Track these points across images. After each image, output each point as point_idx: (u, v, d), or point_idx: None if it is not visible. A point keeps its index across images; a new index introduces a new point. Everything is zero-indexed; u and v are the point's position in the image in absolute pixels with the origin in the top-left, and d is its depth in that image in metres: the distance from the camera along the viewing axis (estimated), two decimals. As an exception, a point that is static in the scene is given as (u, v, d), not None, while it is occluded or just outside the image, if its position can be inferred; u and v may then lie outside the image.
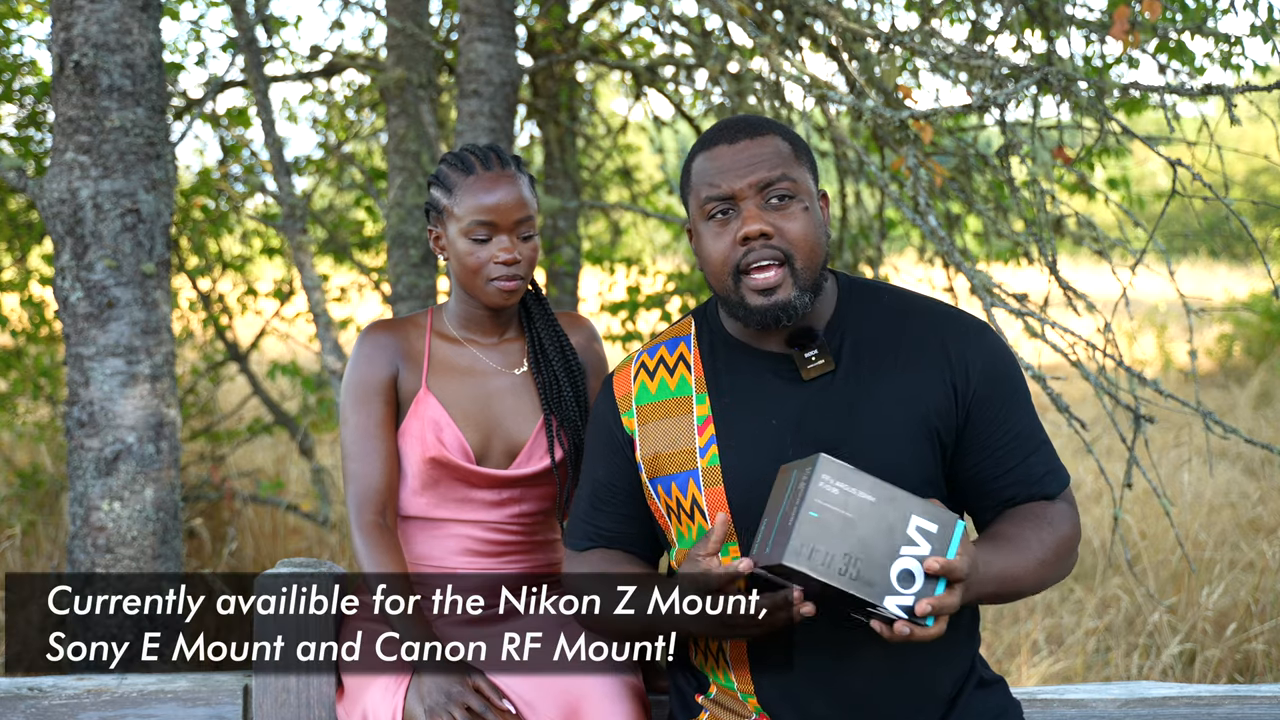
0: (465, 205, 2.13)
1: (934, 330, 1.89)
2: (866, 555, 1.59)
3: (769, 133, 1.88)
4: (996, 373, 1.89)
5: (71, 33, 3.53)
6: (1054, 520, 1.86)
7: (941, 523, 1.62)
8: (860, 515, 1.60)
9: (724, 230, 1.85)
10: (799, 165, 1.87)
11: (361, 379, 2.17)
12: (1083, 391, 9.44)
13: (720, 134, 1.90)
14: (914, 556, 1.60)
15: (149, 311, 3.63)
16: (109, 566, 3.60)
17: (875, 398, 1.84)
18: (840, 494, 1.61)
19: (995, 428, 1.87)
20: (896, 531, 1.61)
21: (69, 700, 2.18)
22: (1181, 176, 3.31)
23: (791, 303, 1.82)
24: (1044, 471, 1.89)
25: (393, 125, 5.17)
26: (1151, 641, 4.65)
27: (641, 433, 1.94)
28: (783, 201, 1.84)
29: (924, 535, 1.61)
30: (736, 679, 1.86)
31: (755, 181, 1.83)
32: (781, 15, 4.36)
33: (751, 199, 1.83)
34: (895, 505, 1.62)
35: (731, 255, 1.84)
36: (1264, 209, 13.74)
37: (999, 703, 1.94)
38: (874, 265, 5.59)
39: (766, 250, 1.82)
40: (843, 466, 1.62)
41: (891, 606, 1.59)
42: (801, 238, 1.83)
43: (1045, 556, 1.82)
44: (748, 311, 1.84)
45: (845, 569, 1.59)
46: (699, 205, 1.88)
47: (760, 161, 1.84)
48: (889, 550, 1.60)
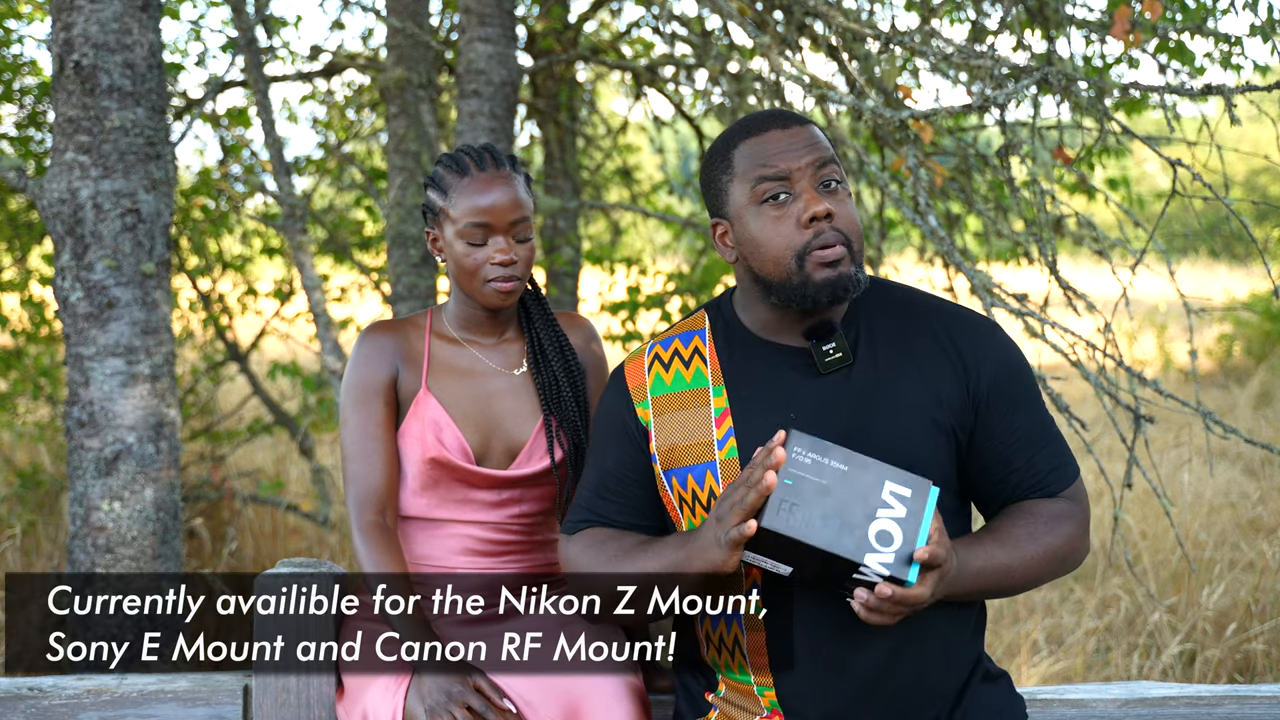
0: (461, 207, 2.13)
1: (946, 329, 1.91)
2: (843, 518, 1.63)
3: (811, 122, 1.91)
4: (1007, 372, 1.90)
5: (71, 33, 3.53)
6: (1049, 518, 1.86)
7: (915, 487, 1.66)
8: (835, 482, 1.65)
9: (783, 214, 1.84)
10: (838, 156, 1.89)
11: (361, 380, 2.17)
12: (1083, 391, 9.44)
13: (770, 120, 1.90)
14: (891, 519, 1.64)
15: (149, 311, 3.64)
16: (109, 566, 3.60)
17: (892, 392, 1.85)
18: (813, 463, 1.65)
19: (1004, 426, 1.88)
20: (871, 496, 1.65)
21: (69, 700, 2.18)
22: (1181, 176, 3.31)
23: (854, 275, 1.83)
24: (1049, 468, 1.90)
25: (393, 125, 5.17)
26: (1151, 641, 4.65)
27: (657, 424, 1.93)
28: (832, 187, 1.86)
29: (898, 499, 1.65)
30: (754, 673, 1.86)
31: (814, 160, 1.84)
32: (781, 15, 4.36)
33: (808, 180, 1.84)
34: (868, 471, 1.66)
35: (796, 238, 1.83)
36: (1264, 209, 13.73)
37: (1004, 697, 1.95)
38: (874, 265, 5.59)
39: (832, 233, 1.83)
40: (814, 439, 1.67)
41: (873, 564, 1.62)
42: (853, 223, 1.85)
43: (1034, 553, 1.83)
44: (816, 287, 1.82)
45: (824, 528, 1.63)
46: (749, 189, 1.86)
47: (815, 143, 1.86)
48: (865, 513, 1.64)
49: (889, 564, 1.62)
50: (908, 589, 1.63)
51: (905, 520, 1.64)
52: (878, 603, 1.64)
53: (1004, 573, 1.80)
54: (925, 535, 1.64)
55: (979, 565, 1.78)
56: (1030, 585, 1.86)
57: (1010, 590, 1.84)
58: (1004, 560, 1.80)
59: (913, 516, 1.64)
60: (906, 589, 1.63)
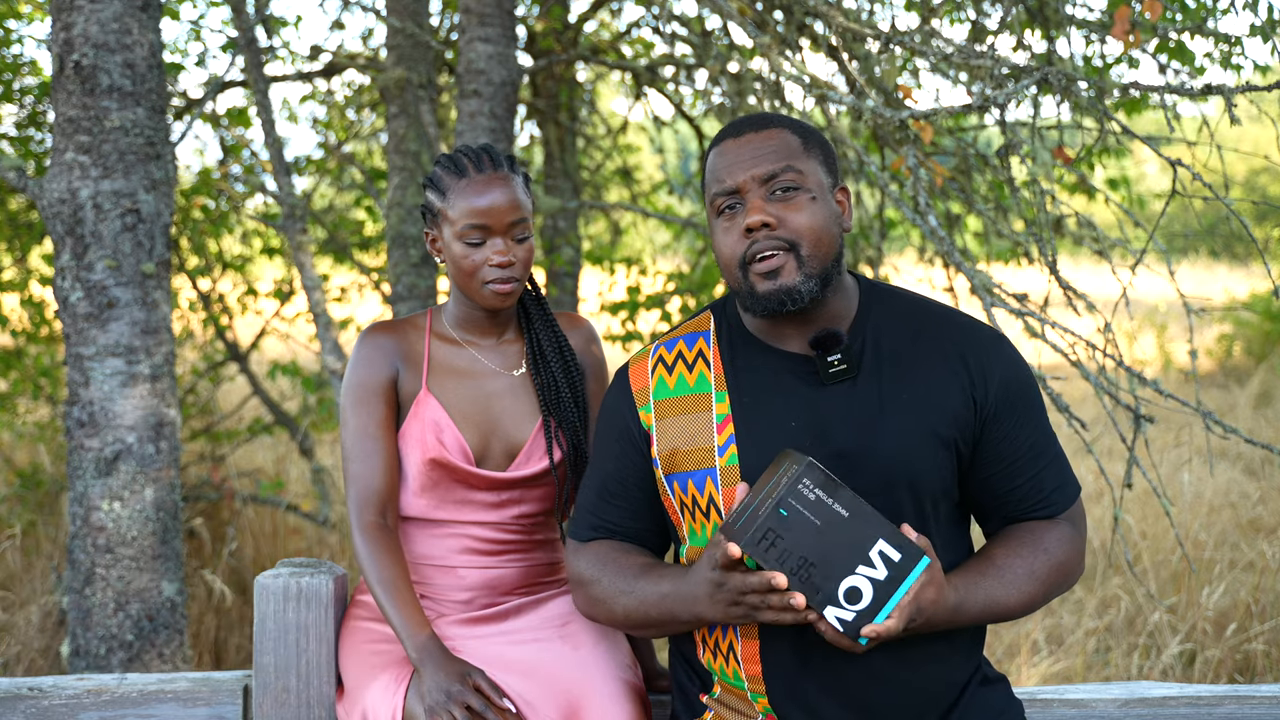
0: (459, 208, 2.12)
1: (953, 340, 1.90)
2: (822, 563, 1.63)
3: (776, 127, 1.89)
4: (1014, 386, 1.90)
5: (71, 33, 3.53)
6: (1050, 545, 1.87)
7: (906, 554, 1.65)
8: (829, 525, 1.63)
9: (731, 224, 1.86)
10: (808, 158, 1.87)
11: (361, 380, 2.17)
12: (1083, 391, 9.44)
13: (728, 131, 1.91)
14: (867, 578, 1.63)
15: (149, 311, 3.63)
16: (109, 566, 3.60)
17: (895, 404, 1.84)
18: (816, 500, 1.63)
19: (1010, 441, 1.88)
20: (858, 550, 1.63)
21: (69, 700, 2.18)
22: (1181, 176, 3.31)
23: (796, 288, 1.82)
24: (1053, 487, 1.90)
25: (393, 125, 5.17)
26: (1151, 641, 4.65)
27: (659, 428, 1.93)
28: (787, 193, 1.84)
29: (884, 560, 1.64)
30: (747, 678, 1.86)
31: (758, 175, 1.84)
32: (781, 15, 4.36)
33: (755, 191, 1.84)
34: (867, 525, 1.64)
35: (738, 248, 1.85)
36: (1264, 209, 13.73)
37: (1001, 701, 1.94)
38: (874, 265, 5.59)
39: (770, 241, 1.82)
40: (828, 476, 1.64)
41: (830, 618, 1.64)
42: (807, 227, 1.83)
43: (1033, 589, 1.85)
44: (755, 299, 1.84)
45: (797, 569, 1.63)
46: (710, 201, 1.90)
47: (763, 155, 1.85)
48: (845, 565, 1.63)
49: (846, 622, 1.63)
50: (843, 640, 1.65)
51: (881, 583, 1.64)
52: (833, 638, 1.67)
53: (1004, 611, 1.83)
54: (891, 606, 1.64)
55: (980, 605, 1.80)
56: (1028, 613, 1.88)
57: (1009, 619, 1.87)
58: (1003, 600, 1.83)
59: (890, 582, 1.64)
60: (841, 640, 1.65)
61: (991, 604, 1.81)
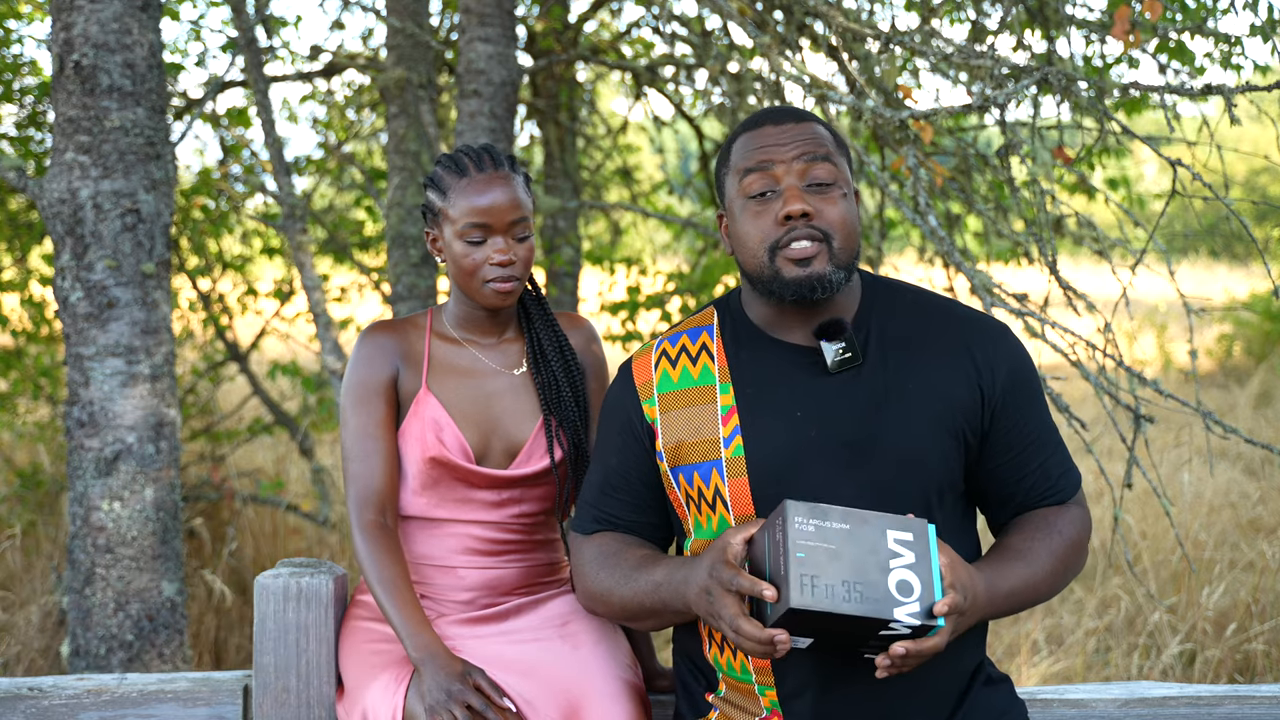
0: (459, 207, 2.13)
1: (958, 332, 1.91)
2: (862, 577, 1.62)
3: (813, 122, 1.91)
4: (1020, 375, 1.91)
5: (71, 33, 3.53)
6: (1063, 527, 1.89)
7: (915, 531, 1.66)
8: (841, 543, 1.63)
9: (764, 210, 1.86)
10: (839, 155, 1.89)
11: (361, 380, 2.17)
12: (1083, 391, 9.44)
13: (766, 116, 1.91)
14: (904, 567, 1.64)
15: (149, 311, 3.63)
16: (109, 566, 3.60)
17: (901, 393, 1.85)
18: (817, 530, 1.63)
19: (1016, 431, 1.89)
20: (880, 549, 1.64)
21: (69, 700, 2.18)
22: (1181, 176, 3.31)
23: (827, 276, 1.83)
24: (1059, 474, 1.93)
25: (393, 125, 5.17)
26: (1151, 641, 4.65)
27: (664, 421, 1.93)
28: (823, 187, 1.85)
29: (904, 545, 1.65)
30: (755, 670, 1.86)
31: (801, 154, 1.85)
32: (781, 15, 4.36)
33: (794, 178, 1.85)
34: (869, 525, 1.65)
35: (771, 234, 1.84)
36: (1264, 209, 13.73)
37: (1005, 701, 1.95)
38: (874, 265, 5.59)
39: (806, 230, 1.83)
40: (810, 505, 1.65)
41: (903, 617, 1.62)
42: (840, 221, 1.84)
43: (1055, 566, 1.86)
44: (783, 284, 1.84)
45: (848, 595, 1.61)
46: (738, 182, 1.89)
47: (806, 140, 1.87)
48: (880, 567, 1.63)
49: (916, 614, 1.62)
50: (925, 640, 1.63)
51: (917, 566, 1.64)
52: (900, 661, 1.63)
53: (1032, 592, 1.84)
54: (938, 580, 1.64)
55: (1010, 587, 1.80)
56: (1052, 596, 1.89)
57: (1035, 604, 1.88)
58: (1033, 580, 1.83)
59: (922, 561, 1.64)
60: (924, 641, 1.63)
61: (1022, 584, 1.81)
